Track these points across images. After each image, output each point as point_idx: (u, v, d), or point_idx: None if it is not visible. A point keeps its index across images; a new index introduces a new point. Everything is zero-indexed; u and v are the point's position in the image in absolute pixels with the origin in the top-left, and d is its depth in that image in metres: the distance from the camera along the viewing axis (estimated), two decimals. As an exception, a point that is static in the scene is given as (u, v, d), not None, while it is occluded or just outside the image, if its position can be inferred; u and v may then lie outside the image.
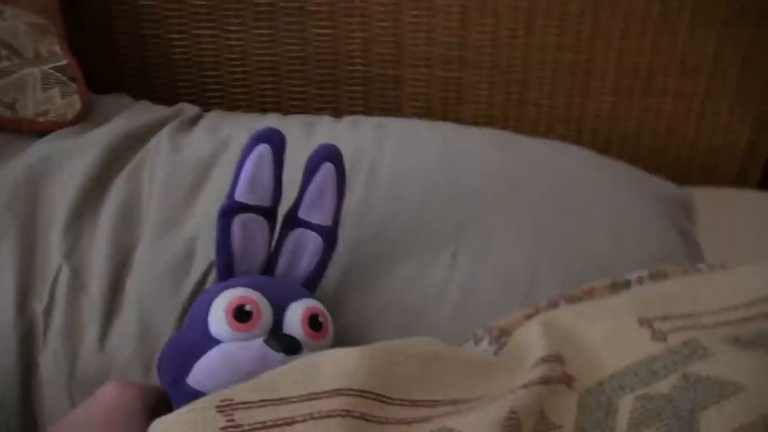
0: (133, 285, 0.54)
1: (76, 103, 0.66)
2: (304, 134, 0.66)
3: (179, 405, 0.39)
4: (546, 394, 0.39)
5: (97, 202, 0.58)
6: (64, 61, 0.67)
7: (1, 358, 0.51)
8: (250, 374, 0.39)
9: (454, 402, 0.39)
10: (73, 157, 0.60)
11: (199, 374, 0.42)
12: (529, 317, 0.50)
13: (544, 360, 0.41)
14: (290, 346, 0.43)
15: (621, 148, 0.90)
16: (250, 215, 0.48)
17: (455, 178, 0.62)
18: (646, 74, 0.85)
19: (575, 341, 0.44)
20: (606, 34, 0.82)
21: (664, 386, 0.39)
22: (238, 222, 0.48)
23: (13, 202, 0.56)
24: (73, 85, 0.67)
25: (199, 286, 0.53)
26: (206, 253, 0.55)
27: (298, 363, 0.38)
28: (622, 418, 0.39)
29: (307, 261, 0.51)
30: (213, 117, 0.70)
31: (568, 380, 0.42)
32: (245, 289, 0.46)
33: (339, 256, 0.53)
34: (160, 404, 0.43)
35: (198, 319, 0.46)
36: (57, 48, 0.68)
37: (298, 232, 0.50)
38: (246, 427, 0.33)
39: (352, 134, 0.66)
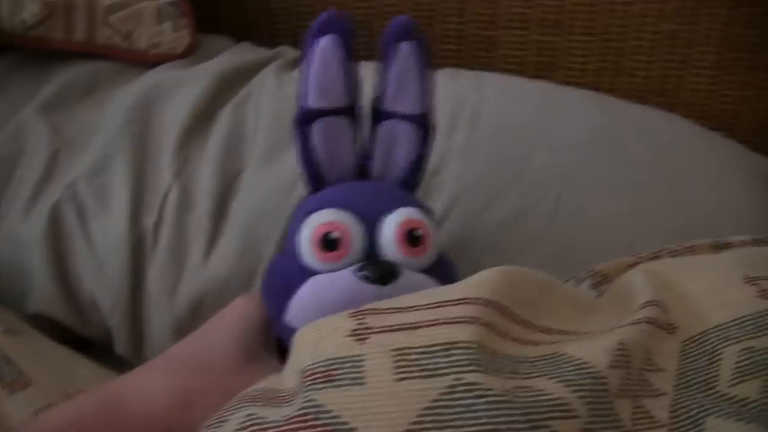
0: (237, 207, 0.56)
1: (185, 37, 0.68)
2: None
3: (284, 337, 0.40)
4: (652, 334, 0.39)
5: (205, 128, 0.60)
6: (177, -3, 0.69)
7: (114, 268, 0.54)
8: (344, 307, 0.37)
9: (563, 332, 0.39)
10: (183, 85, 0.62)
11: (293, 311, 0.40)
12: (630, 266, 0.49)
13: (650, 303, 0.41)
14: (384, 277, 0.39)
15: (716, 125, 0.86)
16: (330, 119, 0.43)
17: (556, 129, 0.62)
18: (753, 48, 0.81)
19: (678, 291, 0.43)
20: (712, 3, 0.79)
21: None
22: (318, 128, 0.43)
23: (128, 124, 0.59)
24: (183, 21, 0.69)
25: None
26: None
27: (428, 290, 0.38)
28: (726, 366, 0.38)
29: (402, 156, 0.45)
30: (314, 60, 0.71)
31: (669, 328, 0.41)
32: (332, 211, 0.41)
33: (442, 191, 0.53)
34: None
35: (291, 245, 0.43)
36: (169, -16, 0.70)
37: (388, 125, 0.45)
38: (375, 329, 0.34)
39: (452, 82, 0.67)
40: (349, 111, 0.44)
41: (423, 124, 0.45)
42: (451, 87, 0.65)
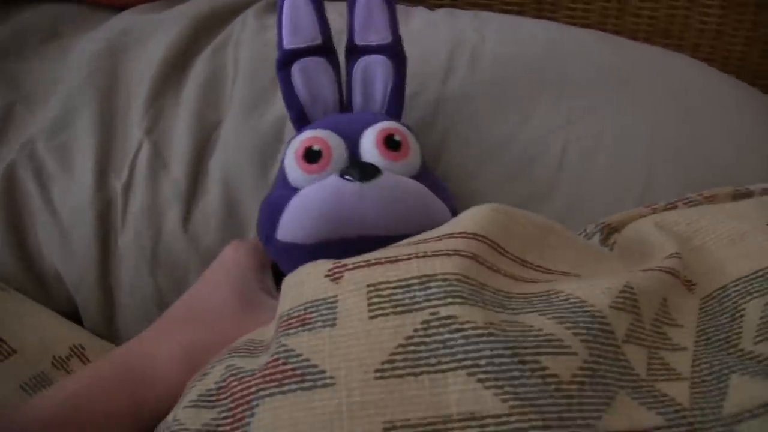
0: (216, 164, 0.51)
1: (157, -23, 0.62)
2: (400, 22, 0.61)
3: (279, 260, 0.43)
4: (670, 285, 0.36)
5: (180, 77, 0.55)
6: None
7: (79, 237, 0.50)
8: (333, 212, 0.39)
9: (565, 273, 0.36)
10: (155, 31, 0.57)
11: (284, 227, 0.41)
12: (644, 217, 0.46)
13: (674, 255, 0.38)
14: (365, 171, 0.40)
15: (723, 67, 0.82)
16: (308, 59, 0.46)
17: (563, 71, 0.57)
18: (765, -16, 0.77)
19: (697, 243, 0.41)
20: (722, -64, 0.74)
21: None
22: (297, 69, 0.46)
23: (93, 74, 0.54)
24: (154, -41, 0.63)
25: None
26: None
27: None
28: (750, 323, 0.35)
29: (380, 87, 0.47)
30: (297, 1, 0.66)
31: (688, 284, 0.38)
32: (313, 130, 0.44)
33: (436, 141, 0.50)
34: None
35: (279, 173, 0.45)
36: None
37: (363, 61, 0.47)
38: (350, 266, 0.33)
39: (450, 21, 0.61)
40: (325, 50, 0.47)
41: (393, 51, 0.47)
42: (449, 28, 0.59)
